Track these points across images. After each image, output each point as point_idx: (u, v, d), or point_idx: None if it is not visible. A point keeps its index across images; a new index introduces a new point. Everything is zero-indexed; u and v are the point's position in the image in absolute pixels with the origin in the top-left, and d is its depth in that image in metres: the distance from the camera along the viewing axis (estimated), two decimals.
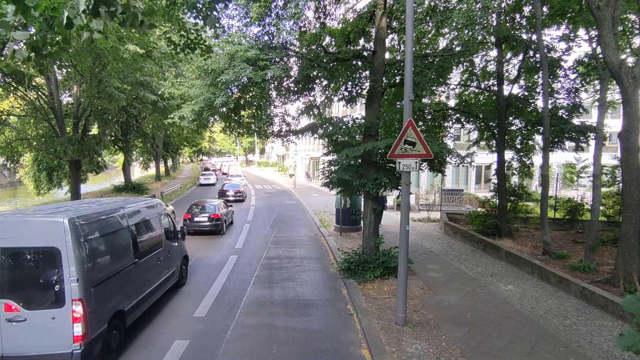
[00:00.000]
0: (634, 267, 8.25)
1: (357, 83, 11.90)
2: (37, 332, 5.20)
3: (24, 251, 5.40)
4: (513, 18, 13.56)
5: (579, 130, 12.09)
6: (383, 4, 9.82)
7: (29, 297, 5.27)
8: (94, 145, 21.23)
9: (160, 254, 8.18)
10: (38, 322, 5.21)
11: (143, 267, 7.24)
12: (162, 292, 8.33)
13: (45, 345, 5.20)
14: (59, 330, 5.19)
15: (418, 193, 23.72)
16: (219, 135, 76.33)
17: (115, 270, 6.24)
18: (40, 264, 5.45)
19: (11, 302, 5.18)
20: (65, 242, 5.23)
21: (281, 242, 14.46)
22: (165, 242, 8.59)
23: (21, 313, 5.18)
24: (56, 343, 5.20)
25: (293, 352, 6.31)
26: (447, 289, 9.12)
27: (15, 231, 5.39)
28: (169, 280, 8.65)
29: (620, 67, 8.18)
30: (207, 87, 10.17)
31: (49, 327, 5.20)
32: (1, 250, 5.24)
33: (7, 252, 5.27)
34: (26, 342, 5.18)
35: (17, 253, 5.36)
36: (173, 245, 9.05)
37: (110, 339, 5.94)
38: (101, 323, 5.70)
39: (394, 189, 10.12)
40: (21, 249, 5.37)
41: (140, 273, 7.11)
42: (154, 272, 7.81)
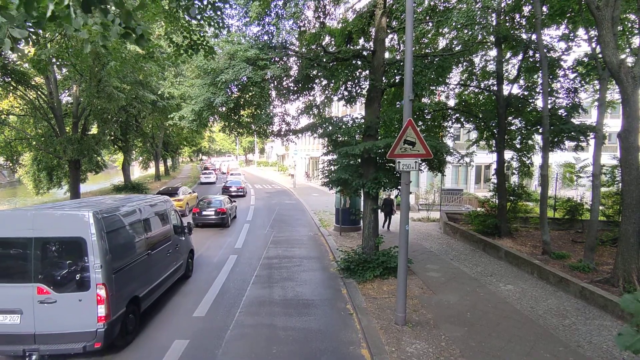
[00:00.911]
0: (633, 267, 8.26)
1: (356, 83, 11.90)
2: (65, 313, 5.79)
3: (54, 241, 5.97)
4: (513, 18, 13.56)
5: (578, 130, 12.10)
6: (383, 3, 9.82)
7: (59, 282, 5.85)
8: (94, 144, 21.20)
9: (170, 247, 8.80)
10: (66, 303, 5.80)
11: (155, 259, 7.88)
12: (171, 283, 8.93)
13: (72, 324, 5.78)
14: (85, 311, 5.81)
15: (418, 193, 23.73)
16: (218, 134, 76.34)
17: (131, 260, 6.86)
18: (68, 252, 6.00)
19: (43, 285, 5.76)
20: (90, 234, 5.86)
21: (281, 241, 14.46)
22: (174, 236, 9.22)
23: (52, 295, 5.76)
24: (82, 322, 5.80)
25: (293, 351, 6.31)
26: (447, 289, 9.12)
27: (46, 223, 5.98)
28: (177, 271, 9.28)
29: (620, 67, 8.18)
30: (206, 87, 10.17)
31: (76, 308, 5.81)
32: (34, 240, 5.82)
33: (39, 241, 5.85)
34: (56, 322, 5.76)
35: (48, 243, 5.93)
36: (180, 240, 9.66)
37: (128, 322, 6.53)
38: (120, 306, 6.30)
39: (394, 188, 10.12)
40: (51, 239, 5.95)
41: (152, 263, 7.74)
42: (164, 264, 8.42)
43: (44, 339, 5.73)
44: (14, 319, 5.74)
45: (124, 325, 6.38)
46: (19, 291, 5.76)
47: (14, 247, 5.98)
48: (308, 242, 14.57)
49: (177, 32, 8.40)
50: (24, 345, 5.69)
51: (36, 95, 19.29)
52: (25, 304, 5.75)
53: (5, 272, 5.92)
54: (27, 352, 5.67)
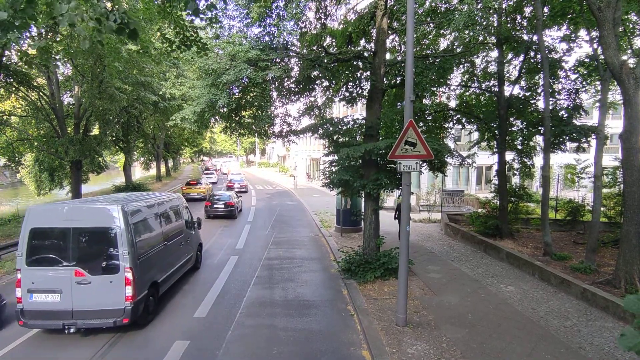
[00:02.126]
0: (635, 268, 8.23)
1: (357, 84, 11.90)
2: (98, 292, 6.66)
3: (88, 230, 6.88)
4: (514, 19, 13.55)
5: (579, 131, 12.06)
6: (384, 4, 9.82)
7: (93, 265, 6.70)
8: (95, 145, 21.22)
9: (182, 239, 9.73)
10: (99, 284, 6.68)
11: (170, 249, 8.81)
12: (183, 272, 9.79)
13: (104, 302, 6.65)
14: (115, 291, 6.69)
15: (419, 194, 23.69)
16: (219, 135, 76.38)
17: (151, 249, 7.75)
18: (100, 240, 6.87)
19: (80, 269, 6.65)
20: (119, 225, 6.77)
21: (282, 242, 14.46)
22: (185, 230, 10.13)
23: (87, 277, 6.66)
24: (113, 301, 6.67)
25: (293, 352, 6.31)
26: (448, 290, 9.11)
27: (82, 215, 6.92)
28: (188, 262, 10.17)
29: (622, 68, 8.17)
30: (208, 88, 10.18)
31: (107, 289, 6.69)
32: (72, 229, 6.74)
33: (76, 231, 6.77)
34: (90, 300, 6.63)
35: (84, 232, 6.85)
36: (191, 233, 10.55)
37: (148, 303, 7.41)
38: (143, 289, 7.18)
39: (395, 189, 10.12)
40: (87, 228, 6.87)
41: (168, 253, 8.67)
42: (178, 254, 9.36)
43: (80, 314, 6.60)
44: (55, 297, 6.63)
45: (146, 306, 7.27)
46: (59, 273, 6.67)
47: (54, 235, 6.86)
48: (309, 243, 14.56)
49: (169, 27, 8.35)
50: (63, 320, 6.56)
51: (38, 96, 19.33)
52: (64, 285, 6.63)
53: (47, 257, 6.74)
54: (66, 326, 6.55)
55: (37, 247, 6.79)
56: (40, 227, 6.85)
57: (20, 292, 6.67)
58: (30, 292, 6.65)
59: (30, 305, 6.63)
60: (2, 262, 11.16)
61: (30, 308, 6.63)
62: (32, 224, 6.82)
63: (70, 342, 6.69)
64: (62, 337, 6.82)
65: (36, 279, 6.66)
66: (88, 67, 17.52)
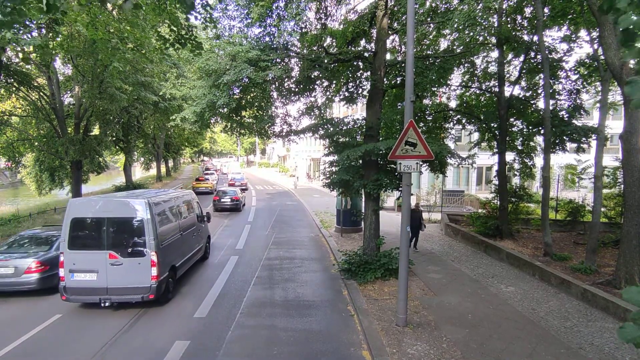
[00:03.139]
0: (635, 269, 8.23)
1: (358, 84, 11.90)
2: (129, 272, 7.74)
3: (120, 220, 7.95)
4: (514, 19, 13.56)
5: (580, 131, 12.07)
6: (384, 5, 9.82)
7: (124, 249, 7.80)
8: (95, 145, 21.23)
9: (194, 231, 10.79)
10: (130, 265, 7.77)
11: (185, 239, 9.86)
12: (194, 261, 10.81)
13: (134, 281, 7.73)
14: (143, 271, 7.77)
15: (419, 194, 23.69)
16: (219, 135, 76.43)
17: (170, 237, 8.79)
18: (130, 228, 7.94)
19: (114, 252, 7.74)
20: (146, 215, 7.86)
21: (282, 243, 14.46)
22: (197, 223, 11.17)
23: (119, 259, 7.75)
24: (140, 279, 7.75)
25: (293, 352, 6.31)
26: (448, 290, 9.10)
27: (114, 207, 8.03)
28: (199, 252, 11.21)
29: (622, 68, 8.17)
30: (208, 88, 10.19)
31: (136, 269, 7.77)
32: (107, 219, 7.86)
33: (110, 220, 7.88)
34: (122, 279, 7.71)
35: (116, 221, 7.93)
36: (201, 226, 11.65)
37: (168, 284, 8.49)
38: (164, 271, 8.23)
39: (395, 189, 10.12)
40: (119, 218, 7.95)
41: (183, 242, 9.72)
42: (191, 244, 10.40)
43: (114, 291, 7.71)
44: (93, 276, 7.72)
45: (167, 285, 8.35)
46: (96, 256, 7.74)
47: (92, 224, 7.97)
48: (309, 243, 14.56)
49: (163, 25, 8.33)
50: (99, 296, 7.68)
51: (38, 96, 19.33)
52: (100, 266, 7.72)
53: (88, 243, 7.89)
54: (102, 300, 7.69)
55: (77, 233, 7.92)
56: (80, 217, 7.96)
57: (63, 272, 7.77)
58: (71, 272, 7.76)
59: (72, 283, 7.75)
60: None
61: (71, 285, 7.76)
62: (72, 214, 7.91)
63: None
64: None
65: (77, 261, 7.77)
66: (88, 67, 17.53)
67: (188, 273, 10.35)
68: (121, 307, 8.01)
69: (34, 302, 8.56)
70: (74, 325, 7.36)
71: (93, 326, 7.30)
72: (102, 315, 7.79)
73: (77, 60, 17.63)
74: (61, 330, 7.19)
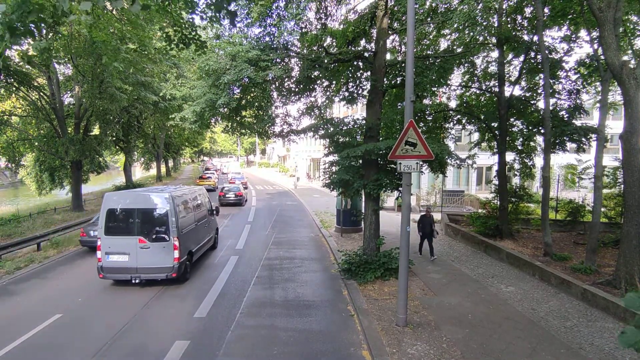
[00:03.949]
0: (635, 269, 8.22)
1: (358, 84, 11.89)
2: (155, 255, 9.13)
3: (149, 211, 9.39)
4: (514, 19, 13.55)
5: (580, 131, 12.06)
6: (384, 4, 9.82)
7: (151, 235, 9.20)
8: (95, 145, 21.26)
9: (206, 222, 12.09)
10: (156, 249, 9.15)
11: (198, 229, 11.23)
12: (206, 249, 12.17)
13: (159, 262, 9.11)
14: (166, 254, 9.16)
15: (419, 194, 23.70)
16: (219, 135, 76.42)
17: (187, 226, 10.20)
18: (156, 217, 9.34)
19: (143, 237, 9.15)
20: (169, 207, 9.30)
21: (282, 242, 14.46)
22: (208, 216, 12.45)
23: (147, 244, 9.15)
24: (165, 260, 9.14)
25: (293, 352, 6.30)
26: (448, 290, 9.10)
27: (143, 200, 9.55)
28: (210, 241, 12.56)
29: (622, 69, 8.16)
30: (208, 88, 10.19)
31: (161, 252, 9.16)
32: (136, 210, 9.30)
33: (140, 211, 9.32)
34: (150, 260, 9.10)
35: (145, 212, 9.36)
36: (211, 219, 12.99)
37: (187, 266, 9.87)
38: (184, 254, 9.60)
39: (395, 189, 10.11)
40: (147, 209, 9.40)
41: (197, 231, 11.09)
42: (203, 233, 11.75)
43: (142, 270, 9.11)
44: (125, 257, 9.12)
45: (185, 267, 9.71)
46: (128, 241, 9.13)
47: (124, 214, 9.31)
48: (309, 243, 14.56)
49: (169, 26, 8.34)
50: (130, 274, 9.10)
51: (38, 96, 19.35)
52: (131, 249, 9.11)
53: (121, 229, 9.24)
54: (133, 277, 9.11)
55: (112, 222, 9.28)
56: (114, 208, 9.31)
57: (100, 254, 9.13)
58: (107, 254, 9.13)
59: (107, 264, 9.13)
60: (2, 262, 11.16)
61: (107, 265, 9.14)
62: (107, 206, 9.31)
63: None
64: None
65: (111, 245, 9.14)
66: (88, 67, 17.54)
67: (189, 273, 10.35)
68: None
69: (34, 302, 8.57)
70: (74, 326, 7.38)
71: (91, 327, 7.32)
72: (96, 317, 7.81)
73: (77, 60, 17.64)
74: (60, 332, 7.18)
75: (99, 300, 8.64)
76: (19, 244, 12.24)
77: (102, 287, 9.44)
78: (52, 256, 12.35)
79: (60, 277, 10.36)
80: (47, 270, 11.04)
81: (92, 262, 11.83)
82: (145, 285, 9.45)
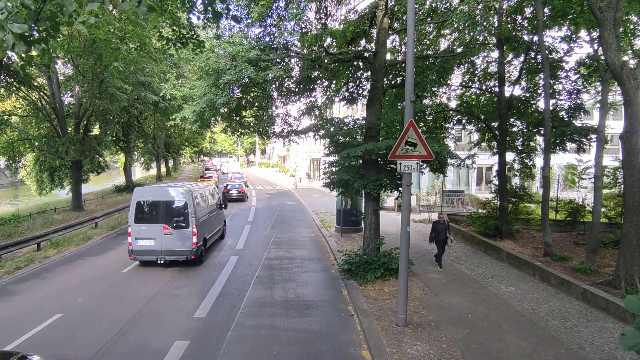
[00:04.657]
0: (635, 269, 8.22)
1: (358, 84, 11.89)
2: (177, 239, 10.80)
3: (171, 203, 11.03)
4: (514, 19, 13.55)
5: (580, 131, 12.06)
6: (384, 5, 9.82)
7: (174, 223, 10.85)
8: (96, 145, 21.25)
9: (216, 214, 13.90)
10: (177, 235, 10.82)
11: (211, 219, 12.94)
12: (216, 238, 13.93)
13: (180, 246, 10.80)
14: (186, 239, 10.83)
15: (419, 194, 23.68)
16: (219, 135, 76.38)
17: (203, 216, 11.84)
18: (178, 208, 10.97)
19: (166, 225, 10.81)
20: (189, 199, 10.97)
21: (282, 242, 14.46)
22: (217, 209, 14.14)
23: (170, 230, 10.80)
24: (185, 245, 10.82)
25: (293, 353, 6.31)
26: (448, 291, 9.10)
27: (166, 193, 11.20)
28: (219, 232, 14.37)
29: (622, 69, 8.16)
30: (208, 88, 10.19)
31: (182, 237, 10.83)
32: (161, 202, 10.95)
33: (163, 203, 10.97)
34: (172, 244, 10.79)
35: (168, 203, 11.01)
36: (221, 212, 14.77)
37: (202, 251, 11.58)
38: (200, 240, 11.25)
39: (395, 189, 10.11)
40: (169, 201, 11.04)
41: (210, 221, 12.84)
42: (214, 224, 13.55)
43: (166, 253, 10.75)
44: (151, 242, 10.78)
45: (201, 252, 11.41)
46: (154, 228, 10.78)
47: (151, 205, 10.97)
48: (309, 243, 14.56)
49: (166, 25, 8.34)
50: (156, 256, 10.76)
51: (38, 96, 19.35)
52: (157, 235, 10.75)
53: (149, 218, 10.89)
54: (158, 259, 10.76)
55: (140, 212, 10.92)
56: (142, 200, 11.00)
57: (130, 239, 10.80)
58: (136, 239, 10.77)
59: (137, 247, 10.78)
60: (2, 262, 11.16)
61: (136, 249, 10.78)
62: (137, 198, 11.00)
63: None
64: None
65: (140, 231, 10.78)
66: (88, 67, 17.53)
67: (188, 272, 10.39)
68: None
69: (34, 302, 8.58)
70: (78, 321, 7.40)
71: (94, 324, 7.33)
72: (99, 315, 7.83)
73: (77, 60, 17.64)
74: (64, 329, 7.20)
75: (99, 300, 8.64)
76: (19, 243, 12.25)
77: (102, 287, 9.45)
78: (52, 256, 12.35)
79: (60, 277, 10.35)
80: (47, 270, 11.04)
81: (92, 262, 11.87)
82: (145, 284, 9.46)
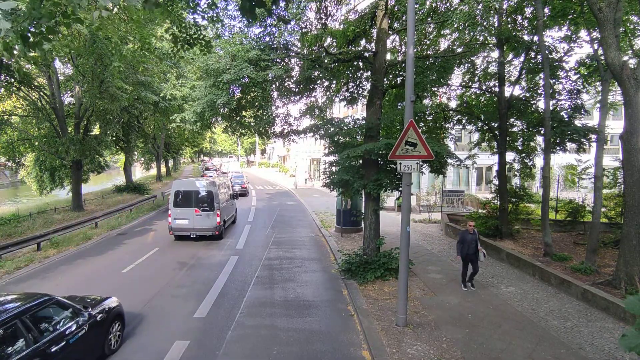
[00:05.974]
0: (635, 269, 8.22)
1: (358, 84, 11.89)
2: (205, 220, 14.21)
3: (200, 191, 14.35)
4: (514, 19, 13.55)
5: (580, 131, 12.06)
6: (384, 4, 9.82)
7: (203, 207, 14.19)
8: (96, 145, 21.22)
9: (230, 203, 17.26)
10: (206, 216, 14.21)
11: (227, 206, 16.31)
12: (230, 222, 17.25)
13: (208, 224, 14.25)
14: (212, 219, 14.27)
15: (419, 194, 23.67)
16: (219, 135, 76.41)
17: (223, 203, 15.06)
18: (206, 196, 14.29)
19: (197, 208, 14.16)
20: (215, 188, 14.42)
21: (282, 242, 14.47)
22: (230, 199, 17.51)
23: (200, 213, 14.16)
24: (212, 223, 14.27)
25: (293, 353, 6.31)
26: (448, 290, 9.10)
27: (197, 185, 14.51)
28: (233, 217, 17.98)
29: (622, 69, 8.16)
30: (209, 88, 10.19)
31: (209, 218, 14.25)
32: (193, 191, 14.32)
33: (195, 192, 14.33)
34: (202, 223, 14.21)
35: (199, 192, 14.33)
36: (233, 202, 18.30)
37: (223, 230, 14.95)
38: (222, 220, 14.64)
39: (395, 189, 10.11)
40: (200, 190, 14.35)
41: (227, 207, 16.15)
42: (230, 210, 17.05)
43: (197, 229, 14.22)
44: (186, 221, 14.14)
45: (222, 230, 14.80)
46: (188, 211, 14.13)
47: (186, 194, 14.28)
48: (309, 243, 14.56)
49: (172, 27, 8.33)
50: (189, 232, 14.23)
51: (38, 96, 19.33)
52: (190, 216, 14.14)
53: (183, 203, 14.12)
54: (191, 234, 14.22)
55: (177, 199, 14.20)
56: (179, 190, 14.34)
57: (170, 219, 14.21)
58: (174, 219, 14.15)
59: (175, 225, 14.21)
60: (2, 262, 11.16)
61: (175, 226, 14.23)
62: (175, 188, 14.38)
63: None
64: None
65: (177, 213, 14.14)
66: (89, 67, 17.52)
67: (188, 272, 10.38)
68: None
69: None
70: None
71: None
72: None
73: (77, 60, 17.64)
74: None
75: None
76: (19, 243, 12.25)
77: (102, 287, 9.45)
78: (52, 256, 12.35)
79: (60, 277, 10.36)
80: (47, 270, 11.04)
81: (92, 262, 11.87)
82: (145, 284, 9.46)
